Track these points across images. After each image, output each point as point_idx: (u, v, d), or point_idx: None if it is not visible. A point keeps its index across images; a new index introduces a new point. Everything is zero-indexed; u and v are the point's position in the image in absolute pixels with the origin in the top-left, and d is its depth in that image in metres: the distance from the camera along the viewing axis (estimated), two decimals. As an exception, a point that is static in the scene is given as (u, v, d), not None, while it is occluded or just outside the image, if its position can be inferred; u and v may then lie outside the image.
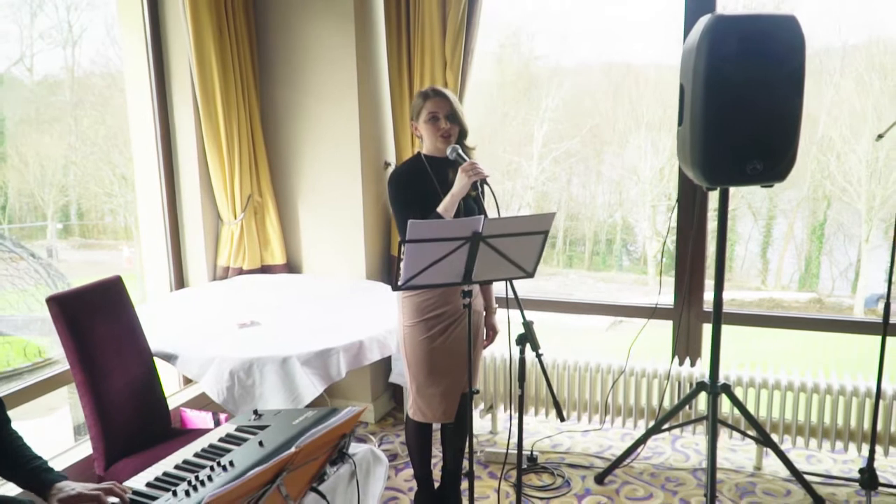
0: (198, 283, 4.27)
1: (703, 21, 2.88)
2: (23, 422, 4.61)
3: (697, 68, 2.87)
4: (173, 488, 2.00)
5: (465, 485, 3.39)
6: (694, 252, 4.06)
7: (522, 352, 2.77)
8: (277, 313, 3.72)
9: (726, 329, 4.49)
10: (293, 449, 1.65)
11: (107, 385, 3.02)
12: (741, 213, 12.17)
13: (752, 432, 3.64)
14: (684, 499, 3.61)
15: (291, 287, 4.16)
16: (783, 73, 2.87)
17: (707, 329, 4.20)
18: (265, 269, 4.37)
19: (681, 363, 4.03)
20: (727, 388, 3.42)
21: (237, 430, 2.45)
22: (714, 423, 3.28)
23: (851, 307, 10.85)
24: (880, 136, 3.34)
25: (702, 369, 3.91)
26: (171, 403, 3.76)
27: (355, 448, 2.51)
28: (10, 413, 2.30)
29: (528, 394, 4.15)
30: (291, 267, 4.46)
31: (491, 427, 4.35)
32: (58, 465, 3.24)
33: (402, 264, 2.57)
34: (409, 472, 3.72)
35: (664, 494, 3.65)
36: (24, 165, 9.99)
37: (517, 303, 2.84)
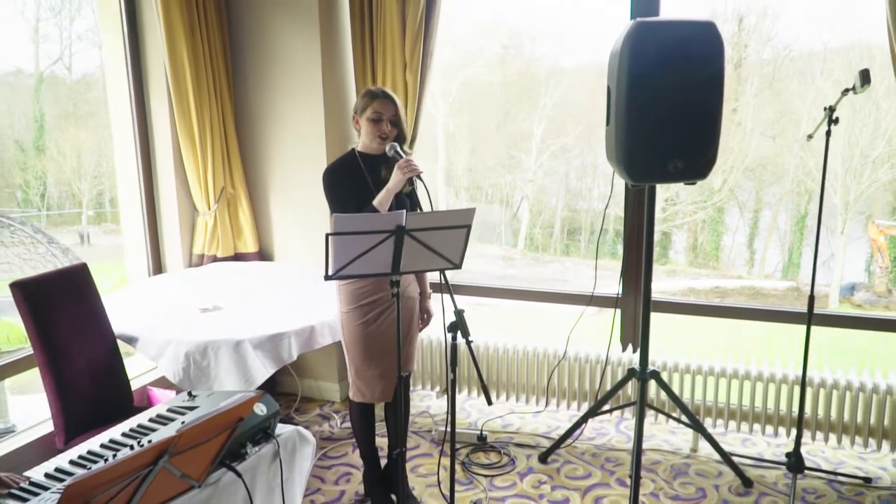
0: (173, 270, 4.28)
1: (626, 26, 2.84)
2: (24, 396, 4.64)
3: (621, 72, 2.82)
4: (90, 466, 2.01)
5: (413, 464, 3.40)
6: (640, 242, 4.01)
7: (454, 338, 2.75)
8: (241, 298, 3.72)
9: (681, 318, 4.50)
10: (174, 433, 1.65)
11: (67, 365, 3.03)
12: (729, 206, 12.12)
13: (683, 417, 3.61)
14: (620, 478, 3.59)
15: (260, 274, 4.16)
16: (703, 76, 2.82)
17: (653, 317, 4.18)
18: (238, 257, 4.37)
19: (623, 349, 4.01)
20: (656, 375, 3.39)
21: (168, 410, 2.45)
22: (641, 407, 3.25)
23: (827, 295, 10.79)
24: (810, 137, 3.31)
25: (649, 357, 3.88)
26: (141, 382, 3.81)
27: (281, 429, 2.51)
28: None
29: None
30: (263, 255, 4.46)
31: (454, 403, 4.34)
32: (22, 440, 3.30)
33: (329, 256, 2.57)
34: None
35: (602, 473, 3.63)
36: (62, 157, 10.10)
37: (449, 291, 2.84)
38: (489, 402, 2.76)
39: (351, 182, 3.02)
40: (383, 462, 3.48)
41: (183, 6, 3.83)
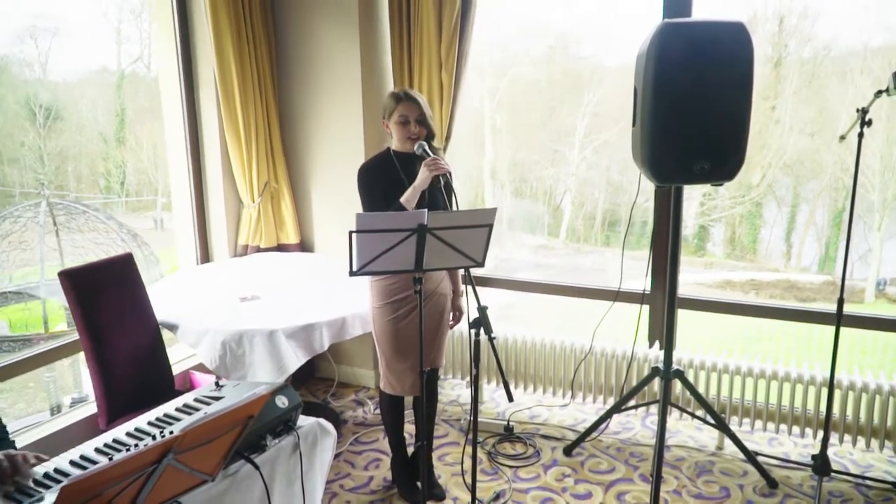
0: (220, 259, 4.25)
1: (653, 27, 2.66)
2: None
3: (647, 73, 2.65)
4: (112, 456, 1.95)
5: (440, 452, 3.31)
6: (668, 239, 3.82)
7: (478, 335, 2.64)
8: (279, 289, 3.66)
9: (712, 315, 4.28)
10: (177, 432, 1.57)
11: (110, 350, 3.02)
12: (767, 201, 11.73)
13: (707, 417, 3.42)
14: (644, 474, 3.43)
15: (300, 265, 4.10)
16: (731, 77, 2.63)
17: (681, 314, 3.99)
18: (281, 248, 4.32)
19: (650, 346, 3.84)
20: (680, 374, 3.22)
21: (195, 399, 2.39)
22: (664, 407, 3.09)
23: (863, 290, 10.37)
24: (842, 138, 3.08)
25: (677, 354, 3.70)
26: (185, 366, 3.78)
27: (303, 421, 2.43)
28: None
29: (508, 369, 4.01)
30: (304, 246, 4.40)
31: (478, 397, 4.22)
32: (66, 420, 3.29)
33: (353, 252, 2.47)
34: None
35: (625, 468, 3.48)
36: (140, 148, 10.32)
37: (472, 287, 2.73)
38: (510, 399, 2.64)
39: (386, 181, 2.93)
40: (410, 451, 3.38)
41: (230, 10, 3.78)
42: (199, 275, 4.00)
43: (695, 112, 2.66)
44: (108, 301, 3.05)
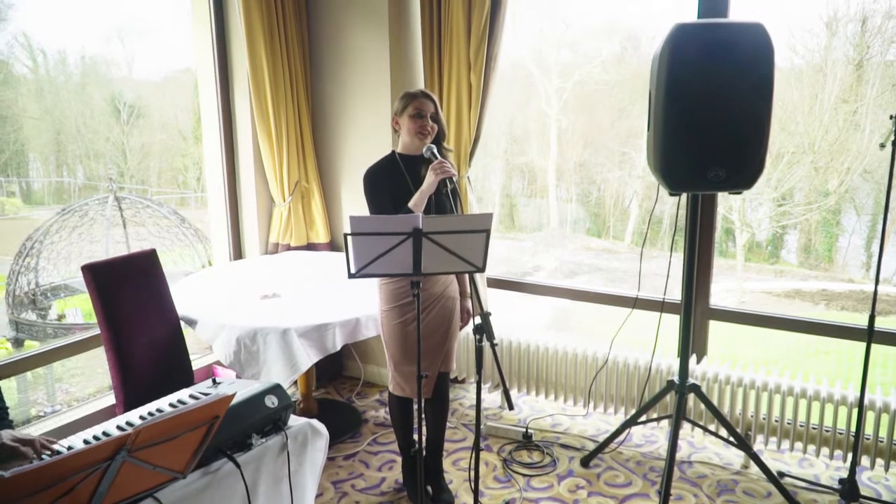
0: (251, 256, 4.32)
1: (667, 29, 2.55)
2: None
3: (660, 76, 2.55)
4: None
5: (455, 457, 3.27)
6: (702, 248, 3.68)
7: (480, 340, 2.59)
8: (301, 287, 3.69)
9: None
10: (130, 430, 1.59)
11: (128, 343, 3.09)
12: (845, 209, 11.23)
13: (726, 433, 3.27)
14: (661, 490, 3.30)
15: (326, 264, 4.12)
16: (749, 81, 2.50)
17: (713, 326, 3.83)
18: (310, 247, 4.36)
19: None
20: (696, 388, 3.08)
21: (190, 395, 2.43)
22: (677, 421, 2.97)
23: (939, 305, 9.80)
24: (882, 146, 2.90)
25: (703, 366, 3.56)
26: (209, 360, 3.85)
27: (294, 421, 2.43)
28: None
29: (531, 376, 3.94)
30: (334, 245, 4.43)
31: (500, 402, 4.17)
32: (85, 410, 3.40)
33: (350, 255, 2.46)
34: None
35: (643, 483, 3.36)
36: (214, 145, 10.74)
37: (476, 295, 2.70)
38: (510, 407, 2.58)
39: (391, 183, 2.91)
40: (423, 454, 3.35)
41: (263, 11, 3.83)
42: (226, 272, 4.07)
43: (710, 117, 2.54)
44: (129, 295, 3.12)
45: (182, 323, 3.32)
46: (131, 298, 3.14)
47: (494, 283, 4.29)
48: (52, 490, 1.50)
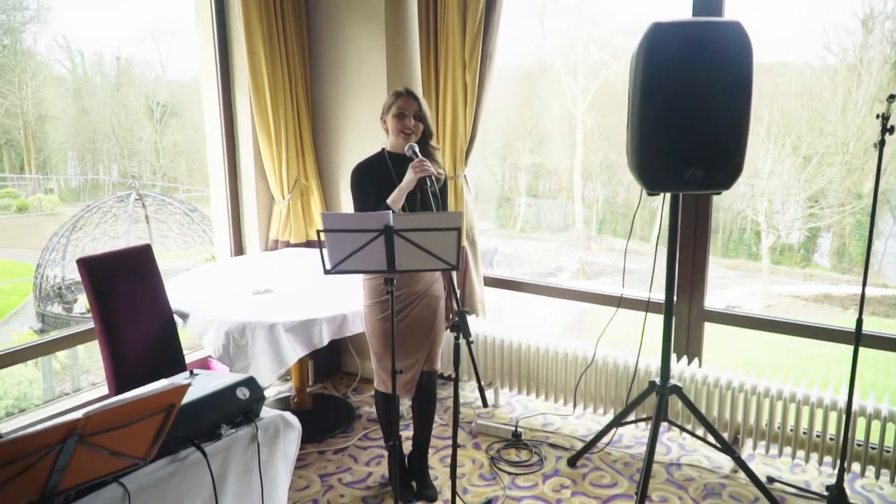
0: (252, 252, 4.40)
1: (644, 27, 2.55)
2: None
3: (636, 75, 2.55)
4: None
5: (443, 454, 3.29)
6: (696, 249, 3.67)
7: (457, 338, 2.63)
8: (294, 283, 3.75)
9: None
10: (80, 415, 1.65)
11: (121, 335, 3.18)
12: (881, 211, 11.02)
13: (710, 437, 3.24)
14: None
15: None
16: (727, 79, 2.49)
17: (708, 327, 3.81)
18: (310, 244, 4.42)
19: (677, 360, 3.67)
20: (677, 390, 3.07)
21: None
22: (656, 423, 2.96)
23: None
24: (876, 145, 2.85)
25: (694, 369, 3.54)
26: (202, 354, 3.93)
27: (266, 413, 2.49)
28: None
29: (523, 375, 3.95)
30: (333, 243, 4.48)
31: (493, 401, 4.19)
32: (78, 400, 3.49)
33: (324, 251, 2.52)
34: (407, 433, 3.65)
35: (628, 484, 3.35)
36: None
37: (453, 293, 2.74)
38: (485, 405, 2.61)
39: (377, 180, 2.96)
40: (408, 451, 3.40)
41: (262, 12, 3.90)
42: (225, 267, 4.15)
43: (687, 117, 2.54)
44: (122, 288, 3.21)
45: (175, 317, 3.40)
46: (125, 292, 3.22)
47: (491, 283, 4.32)
48: (6, 468, 1.57)
